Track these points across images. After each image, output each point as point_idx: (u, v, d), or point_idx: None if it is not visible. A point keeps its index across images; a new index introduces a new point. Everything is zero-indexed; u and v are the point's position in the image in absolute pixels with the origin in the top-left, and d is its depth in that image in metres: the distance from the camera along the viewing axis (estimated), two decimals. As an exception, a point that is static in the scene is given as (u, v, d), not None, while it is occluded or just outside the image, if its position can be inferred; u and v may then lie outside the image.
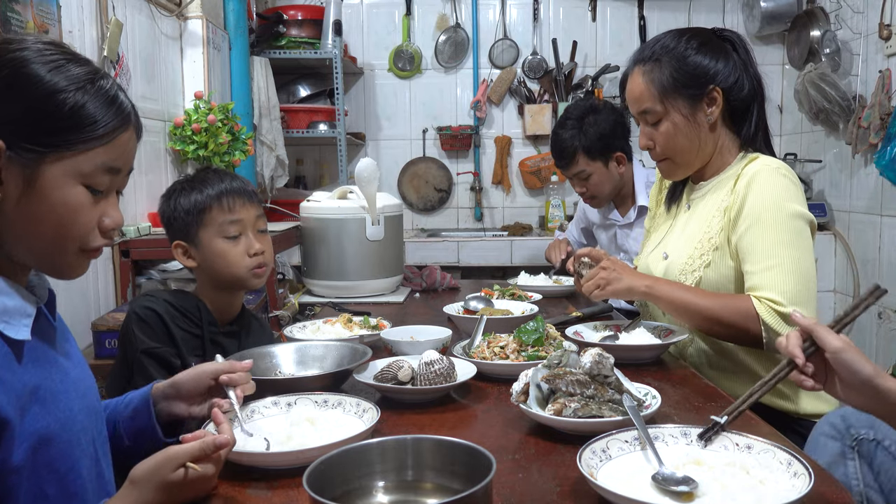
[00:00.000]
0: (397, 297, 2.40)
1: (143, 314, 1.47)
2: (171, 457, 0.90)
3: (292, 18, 3.76)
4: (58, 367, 0.98)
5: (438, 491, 0.88)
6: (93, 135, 0.91)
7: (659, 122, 1.61)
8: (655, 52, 1.61)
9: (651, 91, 1.60)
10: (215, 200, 1.55)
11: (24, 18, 1.82)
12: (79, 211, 0.93)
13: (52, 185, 0.90)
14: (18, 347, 0.91)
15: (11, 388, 0.87)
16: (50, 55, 0.90)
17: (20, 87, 0.88)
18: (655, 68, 1.60)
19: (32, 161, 0.89)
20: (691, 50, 1.59)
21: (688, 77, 1.58)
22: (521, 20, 4.30)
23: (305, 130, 3.78)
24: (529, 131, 4.22)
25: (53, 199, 0.91)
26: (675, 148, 1.62)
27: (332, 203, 2.39)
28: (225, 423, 1.00)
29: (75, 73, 0.91)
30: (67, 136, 0.90)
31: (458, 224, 4.41)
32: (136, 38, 2.53)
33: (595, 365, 1.15)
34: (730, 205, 1.56)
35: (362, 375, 1.33)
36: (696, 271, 1.59)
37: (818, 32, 3.65)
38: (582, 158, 2.59)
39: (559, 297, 2.36)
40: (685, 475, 0.93)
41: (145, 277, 2.41)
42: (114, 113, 0.93)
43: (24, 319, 0.92)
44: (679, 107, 1.59)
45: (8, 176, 0.89)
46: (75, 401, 0.98)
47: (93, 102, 0.91)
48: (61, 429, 0.94)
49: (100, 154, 0.92)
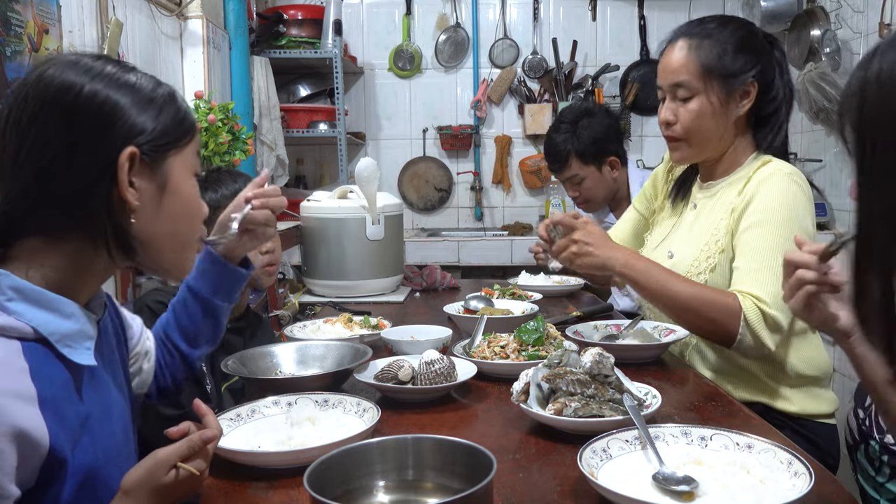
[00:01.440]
0: (397, 296, 2.40)
1: (155, 308, 1.48)
2: (160, 460, 0.89)
3: (292, 18, 3.76)
4: (106, 387, 0.97)
5: (439, 491, 0.88)
6: (190, 124, 0.98)
7: (690, 98, 1.57)
8: (706, 30, 1.58)
9: (693, 65, 1.56)
10: (228, 200, 1.56)
11: (24, 18, 1.82)
12: (198, 199, 1.01)
13: (179, 181, 0.96)
14: (79, 373, 0.90)
15: (69, 423, 0.86)
16: (120, 73, 0.93)
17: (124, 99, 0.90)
18: (703, 45, 1.56)
19: (160, 162, 0.93)
20: (740, 39, 1.57)
21: (732, 63, 1.55)
22: (521, 20, 4.30)
23: (305, 130, 3.78)
24: (529, 131, 4.22)
25: (184, 194, 0.97)
26: (698, 129, 1.58)
27: (332, 203, 2.39)
28: (209, 414, 0.98)
29: (152, 81, 0.96)
30: (178, 129, 0.95)
31: (458, 224, 4.41)
32: (136, 37, 2.53)
33: (595, 365, 1.15)
34: (737, 205, 1.54)
35: (363, 375, 1.33)
36: (702, 274, 1.57)
37: (818, 32, 3.65)
38: (575, 162, 2.59)
39: (559, 296, 2.36)
40: (686, 475, 0.93)
41: (145, 277, 2.41)
42: (187, 104, 1.00)
43: (87, 342, 0.91)
44: (716, 89, 1.55)
45: (142, 183, 0.92)
46: (117, 421, 0.98)
47: (179, 96, 0.98)
48: (106, 459, 0.93)
49: (195, 143, 0.99)
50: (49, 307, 0.87)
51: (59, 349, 0.87)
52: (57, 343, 0.87)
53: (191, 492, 0.94)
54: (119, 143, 0.89)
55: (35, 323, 0.85)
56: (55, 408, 0.83)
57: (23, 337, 0.84)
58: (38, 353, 0.85)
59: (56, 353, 0.87)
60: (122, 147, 0.89)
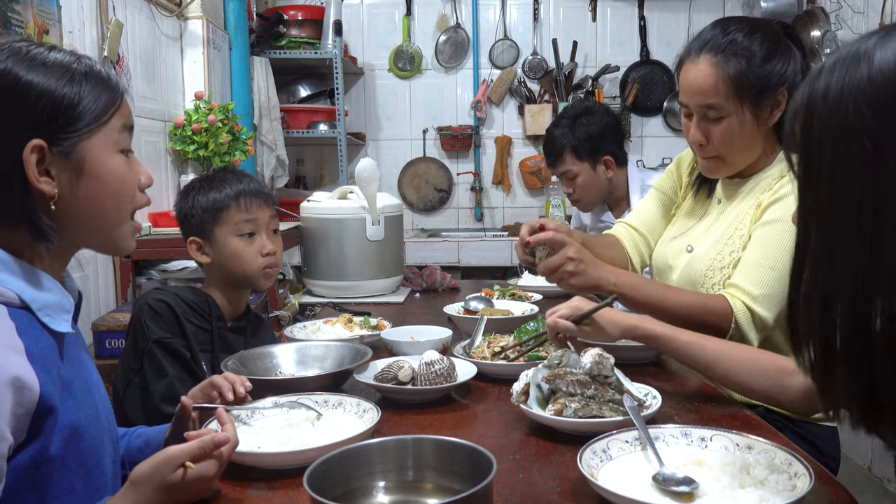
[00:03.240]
0: (397, 297, 2.40)
1: (155, 306, 1.48)
2: (170, 457, 0.90)
3: (292, 18, 3.76)
4: (84, 365, 1.00)
5: (439, 491, 0.88)
6: (112, 99, 0.96)
7: (720, 119, 1.50)
8: (732, 45, 1.48)
9: (724, 86, 1.47)
10: (233, 200, 1.59)
11: (24, 19, 1.82)
12: (125, 176, 0.99)
13: (99, 162, 0.95)
14: (60, 341, 0.93)
15: (54, 381, 0.89)
16: (34, 49, 0.92)
17: (30, 87, 0.89)
18: (732, 62, 1.46)
19: (75, 148, 0.92)
20: (767, 53, 1.49)
21: (762, 80, 1.48)
22: (522, 20, 4.30)
23: (305, 130, 3.78)
24: (530, 131, 4.22)
25: (105, 173, 0.96)
26: (733, 147, 1.52)
27: (332, 203, 2.39)
28: (228, 422, 1.00)
29: (67, 56, 0.95)
30: (95, 107, 0.94)
31: (458, 224, 4.41)
32: (137, 38, 2.53)
33: (595, 365, 1.15)
34: (764, 200, 1.51)
35: (363, 375, 1.33)
36: (725, 268, 1.53)
37: (818, 32, 3.65)
38: (569, 157, 2.58)
39: (559, 297, 2.36)
40: (686, 475, 0.93)
41: (145, 277, 2.41)
42: (111, 77, 0.99)
43: (65, 314, 0.94)
44: (748, 107, 1.49)
45: (59, 171, 0.92)
46: (98, 400, 1.00)
47: (95, 72, 0.96)
48: (89, 424, 0.95)
49: (118, 118, 0.97)
50: (29, 279, 0.91)
51: (41, 317, 0.90)
52: (38, 311, 0.90)
53: (199, 494, 0.94)
54: (25, 135, 0.88)
55: (18, 291, 0.88)
56: (42, 363, 0.87)
57: (8, 302, 0.87)
58: (23, 318, 0.88)
59: (38, 321, 0.90)
60: (28, 138, 0.88)
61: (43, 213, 0.91)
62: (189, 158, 2.72)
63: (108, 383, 1.93)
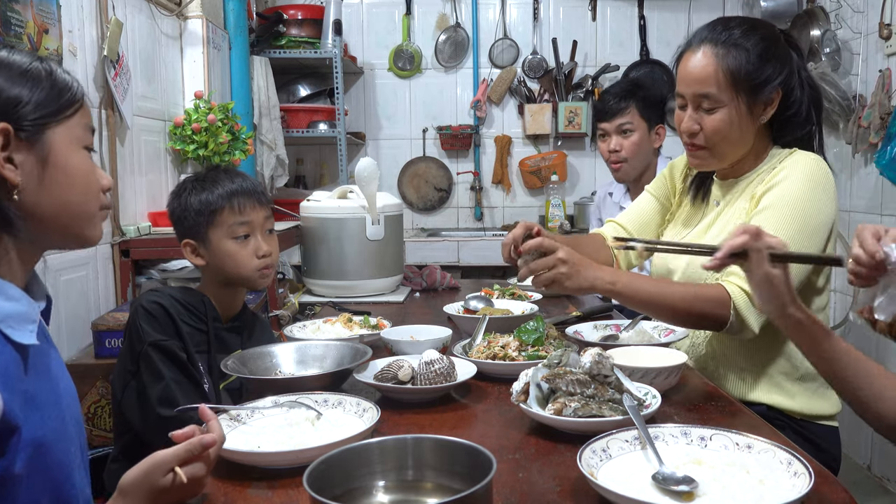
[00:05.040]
0: (397, 296, 2.40)
1: (150, 308, 1.48)
2: (158, 462, 0.89)
3: (292, 18, 3.76)
4: (50, 375, 0.98)
5: (439, 491, 0.88)
6: (75, 97, 0.97)
7: (715, 109, 1.51)
8: (732, 37, 1.50)
9: (721, 77, 1.49)
10: (226, 201, 1.57)
11: (24, 18, 1.82)
12: (90, 171, 0.99)
13: (65, 154, 0.95)
14: (25, 352, 0.91)
15: (17, 396, 0.87)
16: None
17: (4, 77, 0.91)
18: (731, 54, 1.49)
19: (40, 137, 0.92)
20: (766, 48, 1.52)
21: (760, 74, 1.50)
22: (521, 20, 4.30)
23: (305, 130, 3.78)
24: (529, 131, 4.22)
25: (71, 166, 0.96)
26: (722, 139, 1.54)
27: (332, 203, 2.39)
28: (213, 420, 0.98)
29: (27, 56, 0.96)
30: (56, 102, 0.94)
31: (458, 224, 4.41)
32: (136, 37, 2.53)
33: (595, 365, 1.15)
34: (758, 192, 1.52)
35: (362, 375, 1.33)
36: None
37: (818, 32, 3.65)
38: (634, 110, 2.54)
39: (559, 296, 2.36)
40: (685, 475, 0.93)
41: (145, 277, 2.41)
42: (72, 77, 0.99)
43: (30, 325, 0.92)
44: (743, 100, 1.50)
45: (24, 160, 0.91)
46: (65, 410, 0.98)
47: (57, 70, 0.97)
48: (56, 438, 0.93)
49: (81, 115, 0.98)
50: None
51: (3, 329, 0.88)
52: (0, 324, 0.88)
53: (190, 496, 0.93)
54: None
55: None
56: (4, 380, 0.85)
57: None
58: None
59: (1, 334, 0.88)
60: None
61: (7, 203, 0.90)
62: (189, 158, 2.71)
63: (107, 383, 1.95)
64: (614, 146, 2.57)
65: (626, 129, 2.55)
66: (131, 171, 2.48)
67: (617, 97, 2.59)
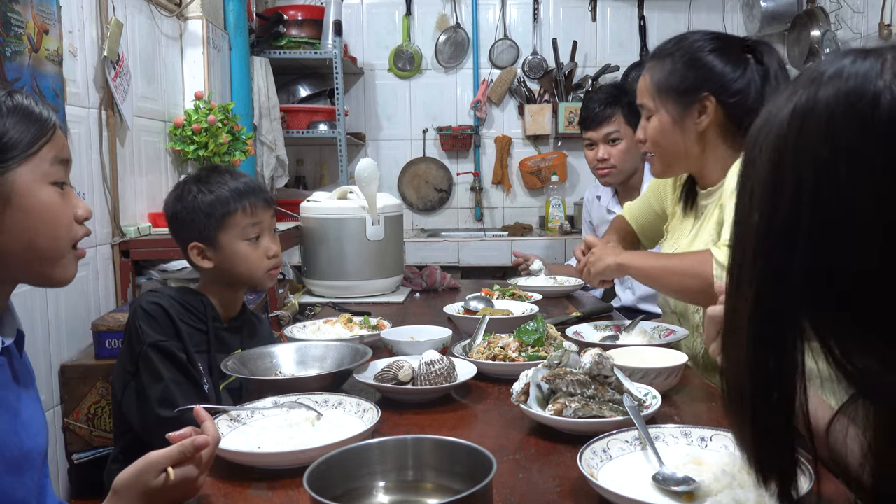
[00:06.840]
0: (397, 297, 2.40)
1: (149, 308, 1.47)
2: (151, 463, 0.89)
3: (292, 18, 3.76)
4: (7, 407, 0.96)
5: (439, 491, 0.88)
6: (43, 130, 0.94)
7: (650, 117, 1.65)
8: (668, 48, 1.64)
9: (648, 87, 1.64)
10: (238, 203, 1.56)
11: (24, 18, 1.82)
12: (59, 209, 0.96)
13: (28, 194, 0.92)
14: None
15: None
16: None
17: None
18: (658, 66, 1.63)
19: (1, 180, 0.89)
20: (701, 52, 1.58)
21: (681, 82, 1.58)
22: (521, 20, 4.30)
23: (305, 130, 3.78)
24: (529, 131, 4.22)
25: (35, 205, 0.93)
26: (660, 144, 1.65)
27: (332, 203, 2.39)
28: (208, 421, 0.98)
29: None
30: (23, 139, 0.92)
31: (458, 224, 4.41)
32: (137, 38, 2.53)
33: (595, 365, 1.15)
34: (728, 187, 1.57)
35: (362, 375, 1.33)
36: None
37: (818, 32, 3.65)
38: (619, 117, 2.54)
39: (559, 296, 2.36)
40: (686, 475, 0.93)
41: (145, 277, 2.41)
42: (46, 110, 0.97)
43: None
44: (669, 108, 1.61)
45: None
46: (25, 441, 0.97)
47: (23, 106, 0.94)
48: (5, 470, 0.91)
49: (49, 150, 0.95)
50: None
51: None
52: None
53: (184, 497, 0.93)
54: None
55: None
56: None
57: None
58: None
59: None
60: None
61: None
62: (189, 158, 2.72)
63: (107, 384, 1.95)
64: (603, 155, 2.58)
65: (613, 139, 2.55)
66: (131, 172, 2.48)
67: (602, 104, 2.59)
